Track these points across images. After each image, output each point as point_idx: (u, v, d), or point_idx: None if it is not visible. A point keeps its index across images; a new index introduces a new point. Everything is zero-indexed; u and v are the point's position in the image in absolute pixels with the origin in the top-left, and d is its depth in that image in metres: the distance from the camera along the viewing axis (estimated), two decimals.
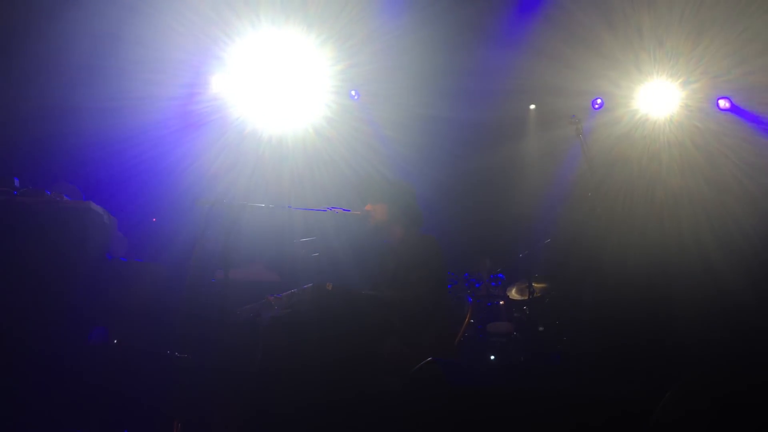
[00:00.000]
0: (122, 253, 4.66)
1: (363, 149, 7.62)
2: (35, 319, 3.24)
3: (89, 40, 6.23)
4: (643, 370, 5.84)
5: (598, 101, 7.79)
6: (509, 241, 7.59)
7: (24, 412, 3.12)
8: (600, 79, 7.37)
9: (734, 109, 7.43)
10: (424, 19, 7.02)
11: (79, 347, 3.46)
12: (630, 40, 7.06)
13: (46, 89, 6.22)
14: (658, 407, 2.92)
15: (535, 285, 6.51)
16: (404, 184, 4.03)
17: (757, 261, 6.26)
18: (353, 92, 7.79)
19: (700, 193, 7.00)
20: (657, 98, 7.55)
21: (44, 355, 3.23)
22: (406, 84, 7.64)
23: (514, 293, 6.91)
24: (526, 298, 6.43)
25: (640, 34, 7.00)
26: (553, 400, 2.74)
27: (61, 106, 6.25)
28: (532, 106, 8.13)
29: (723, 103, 7.45)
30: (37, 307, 3.25)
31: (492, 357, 2.72)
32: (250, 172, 7.20)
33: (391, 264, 3.93)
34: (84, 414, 3.73)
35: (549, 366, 6.35)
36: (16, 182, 3.68)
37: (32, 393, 3.18)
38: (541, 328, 6.73)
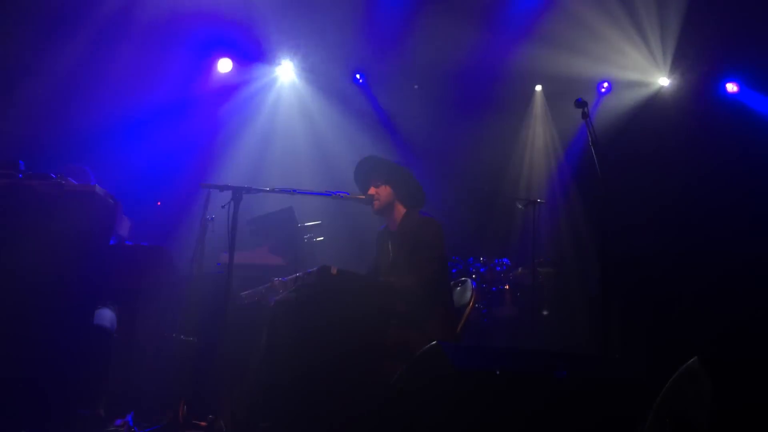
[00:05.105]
0: (127, 236, 4.66)
1: (367, 132, 7.59)
2: (40, 303, 3.25)
3: (93, 23, 6.21)
4: (649, 352, 5.86)
5: (605, 85, 7.73)
6: (514, 225, 7.57)
7: (30, 394, 3.14)
8: (607, 63, 7.30)
9: (743, 93, 7.33)
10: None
11: (84, 331, 3.48)
12: (637, 23, 6.99)
13: (50, 71, 6.21)
14: (664, 389, 2.93)
15: (540, 269, 6.50)
16: (403, 167, 4.01)
17: None
18: (358, 75, 7.76)
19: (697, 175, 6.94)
20: (663, 82, 7.51)
21: (50, 338, 3.24)
22: (412, 67, 7.61)
23: (518, 278, 6.90)
24: (531, 282, 6.42)
25: (647, 17, 6.93)
26: (558, 382, 2.73)
27: (65, 88, 6.24)
28: (539, 88, 8.07)
29: (731, 87, 7.36)
30: (42, 291, 3.25)
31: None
32: (255, 155, 7.20)
33: (390, 247, 3.92)
34: (91, 396, 3.76)
35: (553, 349, 6.36)
36: (21, 165, 3.67)
37: (38, 376, 3.20)
38: (545, 312, 6.73)
